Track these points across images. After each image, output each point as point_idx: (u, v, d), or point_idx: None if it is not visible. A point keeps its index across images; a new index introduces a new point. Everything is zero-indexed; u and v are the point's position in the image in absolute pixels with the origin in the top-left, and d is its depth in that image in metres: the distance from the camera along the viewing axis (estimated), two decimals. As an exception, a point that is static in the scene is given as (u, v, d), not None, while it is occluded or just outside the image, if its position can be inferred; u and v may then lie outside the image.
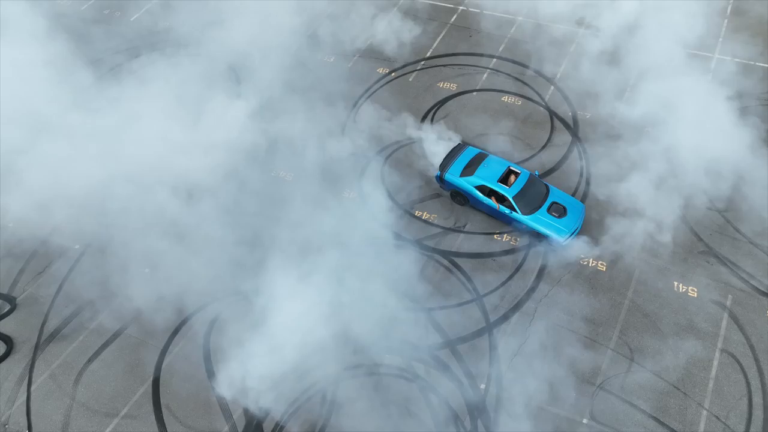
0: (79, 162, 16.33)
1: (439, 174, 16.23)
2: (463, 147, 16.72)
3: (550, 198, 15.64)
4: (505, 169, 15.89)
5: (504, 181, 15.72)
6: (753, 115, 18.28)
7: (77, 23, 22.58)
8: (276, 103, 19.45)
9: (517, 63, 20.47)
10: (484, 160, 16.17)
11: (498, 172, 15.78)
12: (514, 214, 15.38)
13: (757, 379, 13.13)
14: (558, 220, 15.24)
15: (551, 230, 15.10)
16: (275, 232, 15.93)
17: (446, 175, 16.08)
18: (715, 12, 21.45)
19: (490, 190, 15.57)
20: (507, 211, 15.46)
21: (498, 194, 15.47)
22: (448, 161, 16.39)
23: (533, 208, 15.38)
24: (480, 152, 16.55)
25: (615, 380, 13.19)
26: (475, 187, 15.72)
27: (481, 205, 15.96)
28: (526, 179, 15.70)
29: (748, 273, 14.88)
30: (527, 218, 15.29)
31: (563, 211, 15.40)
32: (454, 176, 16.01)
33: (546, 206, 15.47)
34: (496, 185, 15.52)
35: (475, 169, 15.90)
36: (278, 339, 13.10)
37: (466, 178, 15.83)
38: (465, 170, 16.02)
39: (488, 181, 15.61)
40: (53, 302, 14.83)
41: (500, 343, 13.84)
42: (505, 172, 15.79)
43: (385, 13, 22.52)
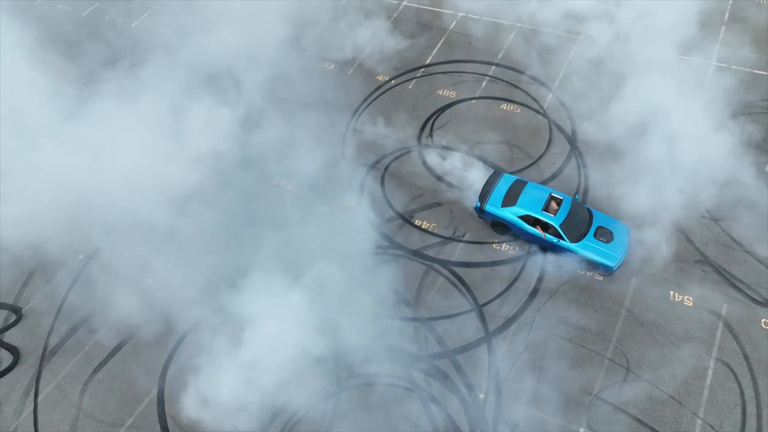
0: (76, 171, 16.44)
1: (479, 205, 15.81)
2: (499, 175, 16.33)
3: (595, 222, 15.40)
4: (547, 196, 15.57)
5: (547, 208, 15.36)
6: (750, 123, 18.46)
7: (76, 29, 22.65)
8: (276, 111, 19.61)
9: (515, 70, 20.62)
10: (524, 188, 15.78)
11: (541, 200, 15.41)
12: (561, 242, 15.08)
13: (751, 389, 13.39)
14: (606, 245, 14.99)
15: (601, 257, 14.84)
16: (275, 240, 16.12)
17: (487, 206, 15.65)
18: (712, 19, 21.58)
19: (534, 219, 15.24)
20: (554, 239, 15.16)
21: (543, 223, 15.21)
22: (486, 191, 15.96)
23: (580, 235, 15.13)
24: (517, 179, 16.17)
25: (611, 390, 13.45)
26: (519, 217, 15.38)
27: (526, 235, 15.60)
28: (569, 205, 15.38)
29: (743, 282, 15.11)
30: (575, 246, 15.02)
31: (610, 235, 15.18)
32: (495, 207, 15.60)
33: (592, 231, 15.25)
34: (541, 214, 15.15)
35: (517, 198, 15.51)
36: (273, 352, 13.30)
37: (508, 209, 15.43)
38: (506, 200, 15.61)
39: (532, 210, 15.23)
40: (58, 312, 15.05)
41: (499, 353, 14.08)
42: (547, 200, 15.47)
43: (385, 20, 22.63)
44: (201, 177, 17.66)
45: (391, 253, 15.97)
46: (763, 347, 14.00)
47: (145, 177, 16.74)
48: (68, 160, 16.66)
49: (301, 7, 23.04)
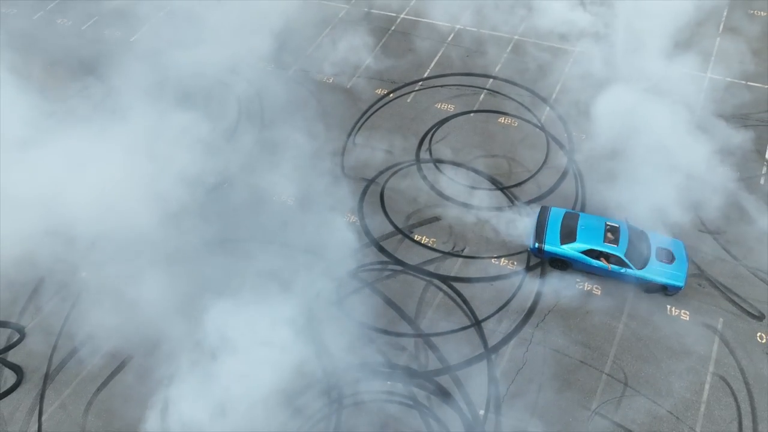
0: (67, 188, 16.53)
1: (537, 246, 15.49)
2: (547, 210, 16.11)
3: (653, 244, 15.37)
4: (604, 225, 15.42)
5: (607, 238, 15.14)
6: (745, 136, 18.67)
7: (76, 45, 22.75)
8: (276, 124, 19.77)
9: (512, 83, 20.80)
10: (578, 222, 15.57)
11: (599, 231, 15.24)
12: (628, 270, 14.91)
13: (747, 403, 13.58)
14: (670, 266, 14.94)
15: (669, 279, 14.79)
16: (276, 254, 16.29)
17: (546, 246, 15.31)
18: (707, 31, 21.81)
19: (598, 252, 15.08)
20: (619, 269, 14.96)
21: (606, 254, 14.98)
22: (540, 229, 15.67)
23: (644, 260, 15.02)
24: (567, 212, 15.96)
25: (610, 405, 13.62)
26: (582, 252, 15.12)
27: (588, 268, 15.32)
28: (627, 231, 15.32)
29: (739, 296, 15.30)
30: (642, 272, 14.87)
31: (670, 254, 15.15)
32: (554, 245, 15.29)
33: (653, 254, 15.13)
34: (604, 246, 14.95)
35: (575, 233, 15.28)
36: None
37: (569, 245, 15.14)
38: (563, 236, 15.34)
39: (594, 244, 15.01)
40: (61, 331, 15.15)
41: (499, 369, 14.25)
42: (605, 230, 15.25)
43: (383, 33, 22.79)
44: (199, 191, 17.89)
45: (391, 269, 16.14)
46: (759, 361, 14.19)
47: (147, 194, 16.92)
48: (60, 176, 16.76)
49: (299, 22, 23.21)
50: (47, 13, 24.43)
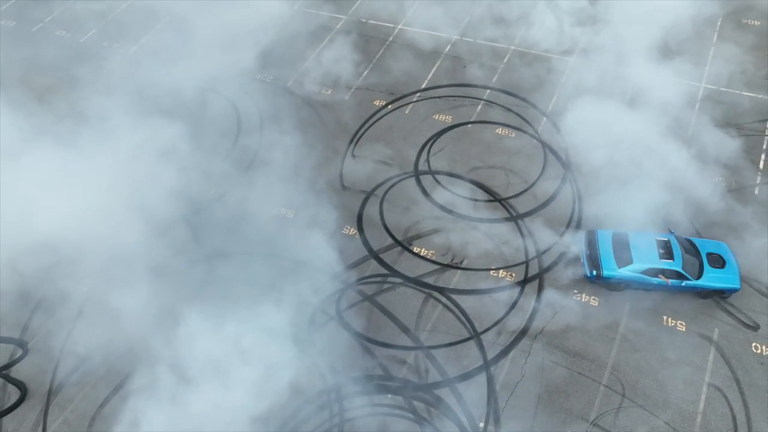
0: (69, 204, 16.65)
1: (594, 273, 15.41)
2: (594, 234, 16.13)
3: (702, 251, 15.60)
4: (655, 242, 15.55)
5: (661, 254, 15.27)
6: (740, 145, 18.89)
7: (71, 57, 22.86)
8: (274, 137, 19.92)
9: (510, 94, 20.99)
10: (628, 241, 15.62)
11: (652, 248, 15.34)
12: (688, 282, 15.10)
13: (742, 413, 13.77)
14: (724, 270, 15.22)
15: (726, 283, 15.07)
16: (274, 267, 16.45)
17: (605, 272, 15.26)
18: (702, 41, 22.03)
19: (656, 270, 15.16)
20: (677, 282, 15.14)
21: (664, 270, 15.14)
22: (593, 255, 15.65)
23: (699, 269, 15.23)
24: (614, 233, 15.97)
25: (608, 416, 13.80)
26: (641, 273, 15.21)
27: (647, 286, 15.43)
28: (677, 244, 15.52)
29: (734, 306, 15.50)
30: (700, 282, 15.08)
31: (720, 259, 15.41)
32: (612, 270, 15.26)
33: (706, 261, 15.36)
34: (662, 263, 15.07)
35: (629, 254, 15.32)
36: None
37: (627, 268, 15.16)
38: (619, 259, 15.34)
39: (651, 262, 15.10)
40: (64, 346, 15.26)
41: (498, 381, 14.42)
42: (657, 246, 15.43)
43: (380, 44, 22.96)
44: (197, 205, 18.06)
45: (390, 282, 16.30)
46: (754, 371, 14.39)
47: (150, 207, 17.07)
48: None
49: (296, 33, 23.39)
50: (46, 25, 24.55)
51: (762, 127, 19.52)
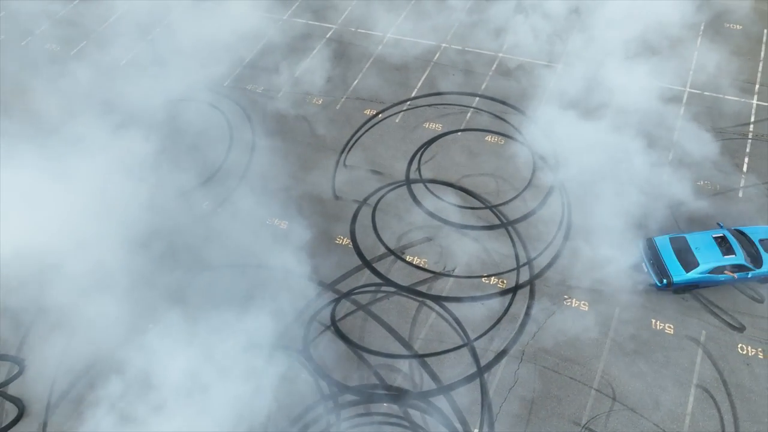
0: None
1: (665, 282, 15.59)
2: (652, 242, 16.35)
3: (754, 238, 15.98)
4: (712, 239, 15.87)
5: (722, 251, 15.63)
6: (724, 149, 19.27)
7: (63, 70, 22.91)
8: (267, 147, 20.08)
9: (498, 101, 21.27)
10: (688, 244, 15.91)
11: (712, 247, 15.69)
12: (752, 272, 15.49)
13: (729, 414, 14.11)
14: None
15: None
16: (268, 279, 16.63)
17: (675, 279, 15.49)
18: (685, 45, 22.41)
19: (722, 267, 15.45)
20: (744, 274, 15.50)
21: (729, 266, 15.47)
22: (658, 265, 15.83)
23: (758, 257, 15.63)
24: (670, 238, 16.27)
25: (599, 420, 14.09)
26: (709, 273, 15.53)
27: (716, 284, 15.79)
28: (732, 236, 15.90)
29: (720, 308, 15.85)
30: (764, 269, 15.49)
31: None
32: (681, 275, 15.52)
33: (761, 249, 15.73)
34: (725, 260, 15.42)
35: (693, 257, 15.63)
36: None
37: (695, 271, 15.48)
38: (684, 263, 15.61)
39: (716, 261, 15.46)
40: (61, 362, 15.32)
41: (491, 387, 14.67)
42: (716, 243, 15.76)
43: (370, 53, 23.16)
44: (192, 215, 18.21)
45: (384, 291, 16.51)
46: (740, 372, 14.74)
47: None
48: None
49: (286, 43, 23.55)
50: (36, 38, 24.56)
51: (745, 130, 19.93)
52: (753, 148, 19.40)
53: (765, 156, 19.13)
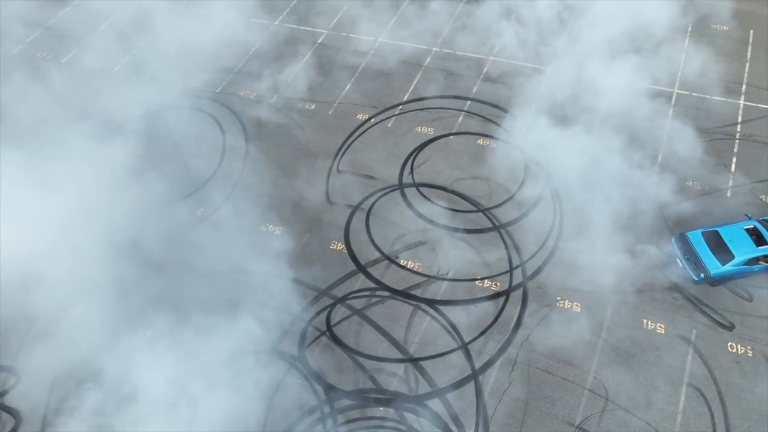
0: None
1: (702, 277, 15.93)
2: (685, 237, 16.61)
3: None
4: (744, 231, 16.24)
5: (755, 242, 16.04)
6: (712, 149, 19.54)
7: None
8: (260, 153, 20.17)
9: (490, 104, 21.44)
10: (721, 237, 16.25)
11: (745, 238, 16.07)
12: None
13: (720, 411, 14.34)
14: None
15: None
16: (263, 285, 16.72)
17: (712, 272, 15.82)
18: (673, 46, 22.67)
19: (757, 258, 15.86)
20: None
21: (763, 256, 15.86)
22: (694, 259, 16.13)
23: None
24: (703, 232, 16.58)
25: (592, 420, 14.28)
26: (744, 264, 15.89)
27: (750, 274, 16.18)
28: (764, 227, 16.26)
29: (710, 307, 16.10)
30: None
31: None
32: (718, 268, 15.85)
33: None
34: (759, 251, 15.82)
35: (728, 249, 15.95)
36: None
37: (731, 263, 15.82)
38: (719, 257, 15.93)
39: (751, 252, 15.83)
40: (57, 372, 15.33)
41: (486, 390, 14.84)
42: (748, 235, 16.15)
43: (361, 58, 23.28)
44: (186, 223, 18.26)
45: (378, 295, 16.64)
46: (730, 370, 14.98)
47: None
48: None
49: (279, 50, 23.62)
50: (26, 46, 24.51)
51: (732, 130, 20.20)
52: (740, 148, 19.68)
53: (752, 156, 19.42)
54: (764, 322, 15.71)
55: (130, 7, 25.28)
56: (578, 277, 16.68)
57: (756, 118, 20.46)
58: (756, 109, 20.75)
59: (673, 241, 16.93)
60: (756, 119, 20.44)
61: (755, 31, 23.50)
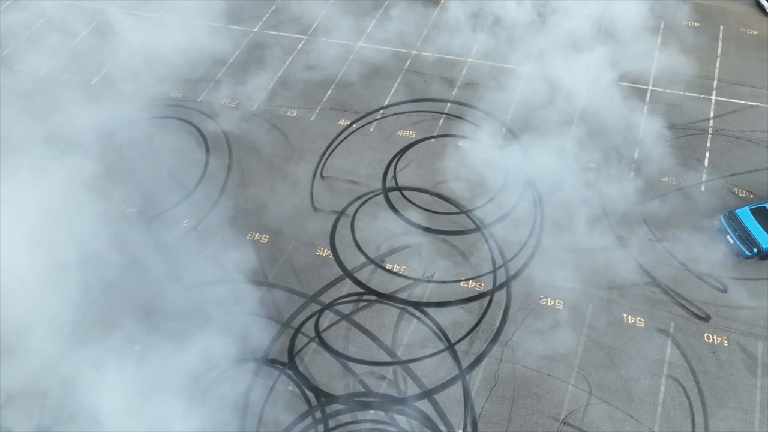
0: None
1: (755, 251, 16.56)
2: (734, 215, 17.22)
3: None
4: None
5: None
6: (686, 144, 20.09)
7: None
8: (244, 162, 20.28)
9: (469, 106, 21.76)
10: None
11: None
12: None
13: (698, 400, 14.88)
14: None
15: None
16: (252, 293, 16.92)
17: (764, 246, 16.48)
18: (647, 44, 23.17)
19: None
20: None
21: None
22: (746, 236, 16.75)
23: None
24: (750, 208, 17.18)
25: (576, 414, 14.73)
26: None
27: None
28: None
29: (687, 300, 16.64)
30: None
31: None
32: None
33: None
34: None
35: None
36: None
37: None
38: None
39: None
40: (48, 394, 15.37)
41: (473, 388, 15.21)
42: None
43: (342, 63, 23.43)
44: (172, 233, 18.36)
45: (366, 300, 16.91)
46: (707, 360, 15.53)
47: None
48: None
49: (259, 57, 23.69)
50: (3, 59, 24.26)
51: (705, 125, 20.77)
52: (713, 143, 20.26)
53: (724, 150, 20.00)
54: (738, 312, 16.29)
55: (98, 16, 25.17)
56: (560, 275, 17.11)
57: (727, 113, 21.05)
58: (727, 104, 21.34)
59: (722, 219, 17.53)
60: (727, 114, 21.04)
61: (725, 27, 24.12)
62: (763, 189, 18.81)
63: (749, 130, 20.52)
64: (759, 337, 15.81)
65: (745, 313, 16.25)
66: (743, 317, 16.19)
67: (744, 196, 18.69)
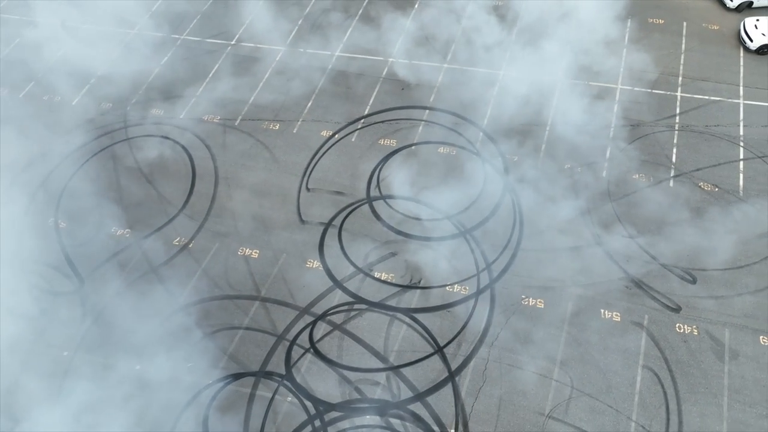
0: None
1: None
2: None
3: None
4: None
5: None
6: (654, 141, 21.05)
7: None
8: (229, 177, 20.68)
9: (447, 112, 22.39)
10: None
11: None
12: None
13: (671, 388, 15.95)
14: None
15: None
16: (244, 309, 17.47)
17: None
18: (615, 43, 23.99)
19: None
20: None
21: None
22: None
23: None
24: None
25: (560, 408, 15.70)
26: None
27: None
28: None
29: (659, 292, 17.66)
30: None
31: None
32: None
33: None
34: None
35: None
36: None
37: None
38: None
39: None
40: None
41: (463, 389, 16.07)
42: None
43: (321, 74, 23.81)
44: (164, 252, 18.77)
45: (356, 309, 17.60)
46: (679, 349, 16.60)
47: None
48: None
49: (240, 70, 23.94)
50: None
51: (672, 122, 21.74)
52: (679, 138, 21.25)
53: (690, 146, 21.01)
54: (706, 302, 17.38)
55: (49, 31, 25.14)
56: (540, 275, 17.99)
57: (692, 109, 22.04)
58: (692, 100, 22.33)
59: None
60: (692, 110, 22.03)
61: (688, 23, 25.05)
62: (727, 183, 19.88)
63: (713, 124, 21.55)
64: (726, 324, 16.92)
65: (713, 303, 17.34)
66: (711, 306, 17.28)
67: (709, 190, 19.74)
